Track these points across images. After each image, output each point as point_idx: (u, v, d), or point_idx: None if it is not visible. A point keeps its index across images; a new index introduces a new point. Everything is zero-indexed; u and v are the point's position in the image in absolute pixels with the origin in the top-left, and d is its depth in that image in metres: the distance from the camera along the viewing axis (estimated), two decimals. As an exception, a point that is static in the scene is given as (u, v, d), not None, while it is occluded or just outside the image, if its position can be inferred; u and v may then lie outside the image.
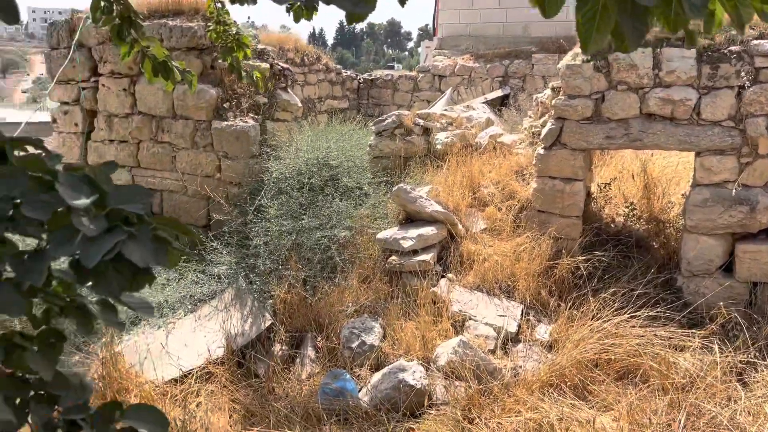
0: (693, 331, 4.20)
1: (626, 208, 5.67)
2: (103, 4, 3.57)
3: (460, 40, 13.86)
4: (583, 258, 4.92)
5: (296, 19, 3.26)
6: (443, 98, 11.13)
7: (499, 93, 11.55)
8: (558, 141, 5.12)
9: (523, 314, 4.76)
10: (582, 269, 4.85)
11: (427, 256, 5.07)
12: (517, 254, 5.06)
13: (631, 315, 4.19)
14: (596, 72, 4.87)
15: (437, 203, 5.44)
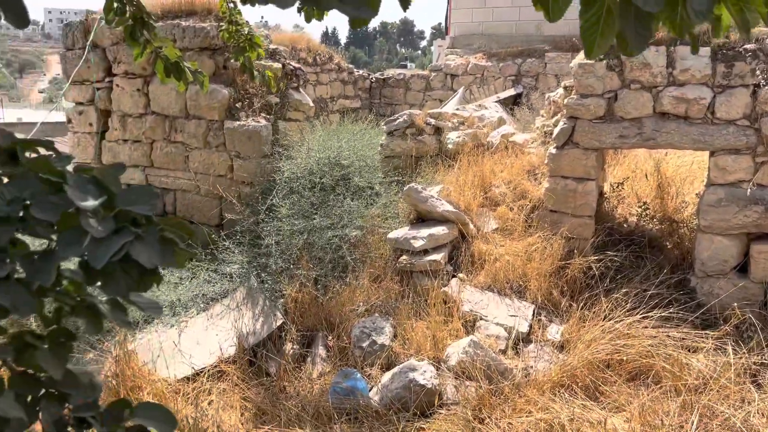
0: (706, 332, 4.16)
1: (639, 207, 5.63)
2: (116, 6, 3.61)
3: (473, 38, 13.82)
4: (595, 258, 4.89)
5: (307, 19, 3.27)
6: (455, 97, 11.11)
7: (511, 92, 11.51)
8: (570, 140, 5.09)
9: (534, 314, 4.74)
10: (594, 269, 4.82)
11: (438, 256, 5.06)
12: (529, 254, 5.04)
13: (643, 315, 4.15)
14: (609, 71, 4.84)
15: (448, 203, 5.43)
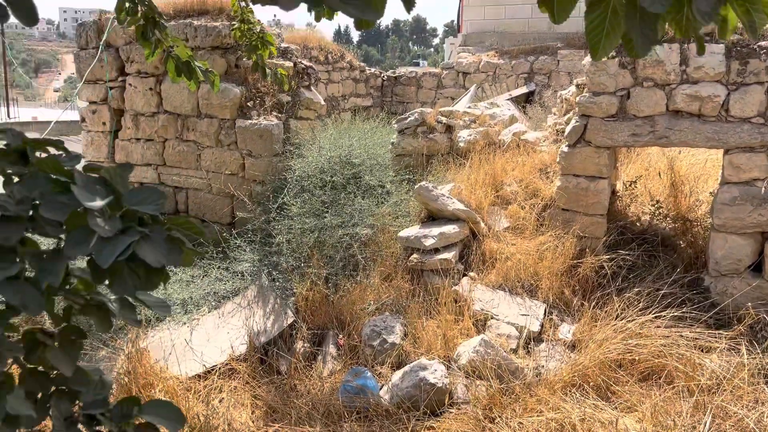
0: (720, 332, 4.12)
1: (652, 206, 5.58)
2: (128, 6, 3.63)
3: (485, 36, 13.77)
4: (608, 257, 4.86)
5: (317, 19, 3.28)
6: (467, 95, 11.09)
7: (523, 90, 11.46)
8: (582, 138, 5.06)
9: (545, 313, 4.72)
10: (606, 268, 4.79)
11: (449, 255, 5.05)
12: (541, 253, 5.01)
13: (656, 315, 4.12)
14: (621, 68, 4.80)
15: (459, 201, 5.41)
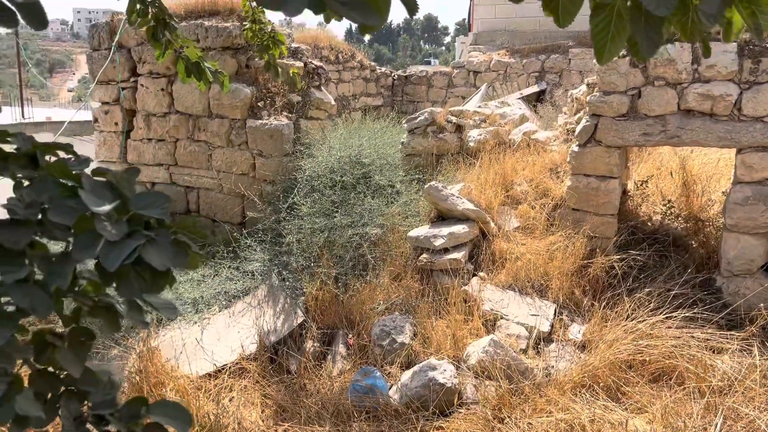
0: (732, 333, 4.09)
1: (664, 206, 5.54)
2: (138, 7, 3.66)
3: (496, 35, 13.74)
4: (618, 257, 4.84)
5: (326, 20, 3.26)
6: (478, 94, 11.06)
7: (535, 88, 11.42)
8: (593, 138, 5.04)
9: (555, 314, 4.70)
10: (617, 268, 4.77)
11: (459, 255, 5.05)
12: (551, 253, 5.00)
13: (667, 316, 4.10)
14: (632, 68, 4.77)
15: (469, 201, 5.41)
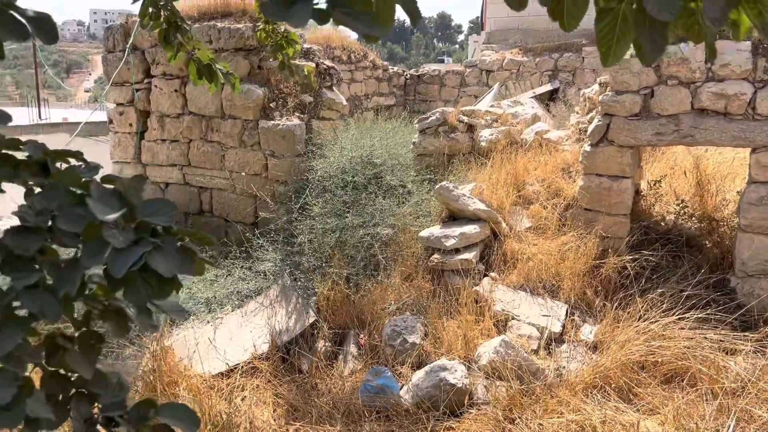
0: (746, 334, 4.05)
1: (677, 205, 5.50)
2: (151, 10, 3.70)
3: (509, 33, 13.69)
4: (631, 257, 4.81)
5: (336, 24, 3.30)
6: (490, 93, 11.03)
7: (547, 87, 11.36)
8: (605, 138, 5.01)
9: (567, 314, 4.69)
10: (629, 269, 4.74)
11: (470, 255, 5.05)
12: (562, 253, 4.98)
13: (680, 316, 4.07)
14: (645, 67, 4.74)
15: (480, 201, 5.40)
